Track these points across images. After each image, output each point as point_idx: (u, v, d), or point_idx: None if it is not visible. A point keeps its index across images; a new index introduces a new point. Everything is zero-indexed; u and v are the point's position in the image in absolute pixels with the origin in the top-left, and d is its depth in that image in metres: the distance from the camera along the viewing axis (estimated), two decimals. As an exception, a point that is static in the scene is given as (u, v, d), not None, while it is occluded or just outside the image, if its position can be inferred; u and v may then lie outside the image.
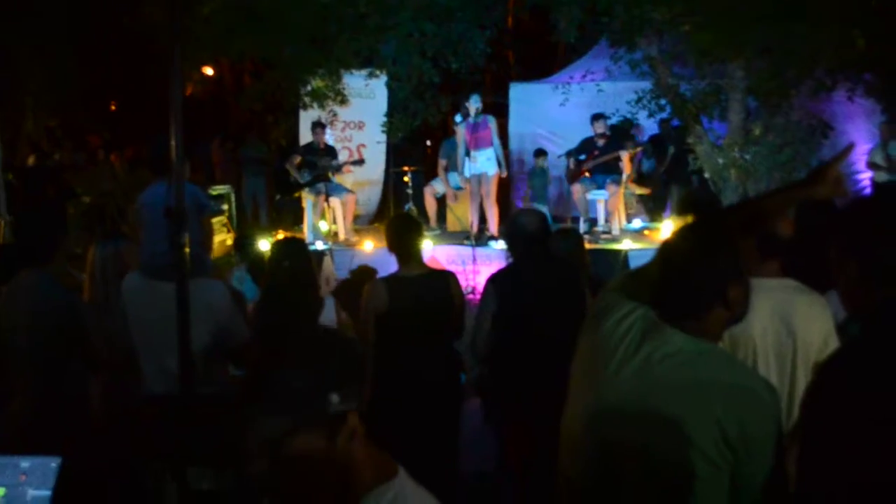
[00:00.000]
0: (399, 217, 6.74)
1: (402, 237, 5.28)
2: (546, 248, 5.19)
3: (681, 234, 2.68)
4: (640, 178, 14.42)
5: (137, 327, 4.73)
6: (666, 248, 2.68)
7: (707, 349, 2.52)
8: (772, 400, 2.47)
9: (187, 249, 3.56)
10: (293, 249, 5.01)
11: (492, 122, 12.01)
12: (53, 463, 2.75)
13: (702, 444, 2.39)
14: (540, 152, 14.53)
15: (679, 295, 2.57)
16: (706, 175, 11.77)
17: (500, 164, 12.16)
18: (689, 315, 2.53)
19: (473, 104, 11.85)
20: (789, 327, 3.74)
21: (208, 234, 5.47)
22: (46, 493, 2.69)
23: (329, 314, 7.07)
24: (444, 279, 5.31)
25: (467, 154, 11.92)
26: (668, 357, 2.49)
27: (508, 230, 5.41)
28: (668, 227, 11.90)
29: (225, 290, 4.85)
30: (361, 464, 1.93)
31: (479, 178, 11.99)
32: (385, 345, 5.11)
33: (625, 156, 12.80)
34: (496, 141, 12.07)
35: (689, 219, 4.69)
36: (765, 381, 2.69)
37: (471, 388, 5.77)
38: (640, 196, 14.38)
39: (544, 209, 12.32)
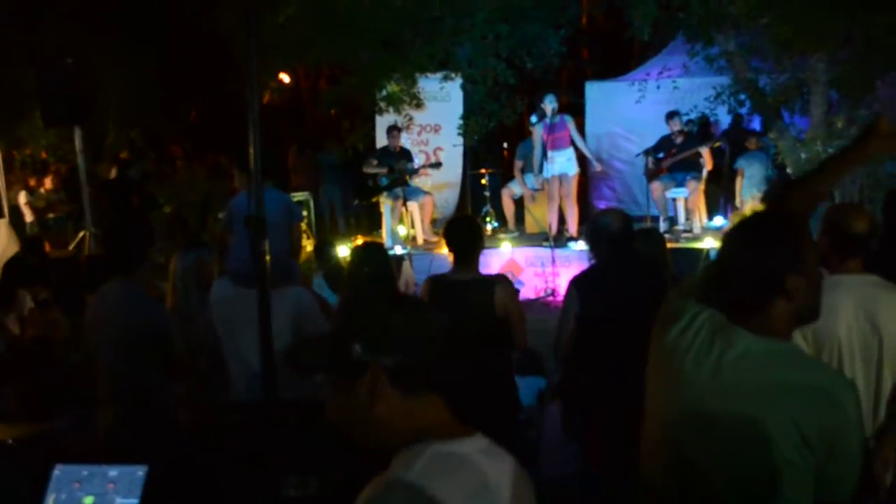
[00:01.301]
0: (458, 219, 6.62)
1: (456, 239, 5.17)
2: (629, 249, 5.11)
3: (737, 227, 2.64)
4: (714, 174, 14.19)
5: (226, 334, 4.78)
6: (723, 242, 2.64)
7: (776, 349, 2.46)
8: (849, 398, 2.40)
9: (268, 257, 3.58)
10: (373, 254, 5.03)
11: (569, 122, 11.93)
12: (140, 471, 2.79)
13: (781, 445, 2.34)
14: None
15: (737, 288, 2.53)
16: (789, 170, 11.55)
17: (590, 161, 12.11)
18: (751, 310, 2.48)
19: (549, 104, 11.79)
20: (874, 324, 3.67)
21: (297, 241, 5.51)
22: (134, 501, 2.73)
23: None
24: (491, 286, 5.05)
25: (544, 155, 11.84)
26: (738, 359, 2.44)
27: (590, 231, 5.29)
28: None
29: (311, 298, 4.89)
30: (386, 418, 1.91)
31: (560, 179, 11.92)
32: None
33: (705, 151, 12.63)
34: (578, 138, 11.99)
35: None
36: (841, 378, 2.64)
37: (553, 391, 5.71)
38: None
39: None
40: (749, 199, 12.69)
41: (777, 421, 2.34)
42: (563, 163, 11.86)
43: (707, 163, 12.72)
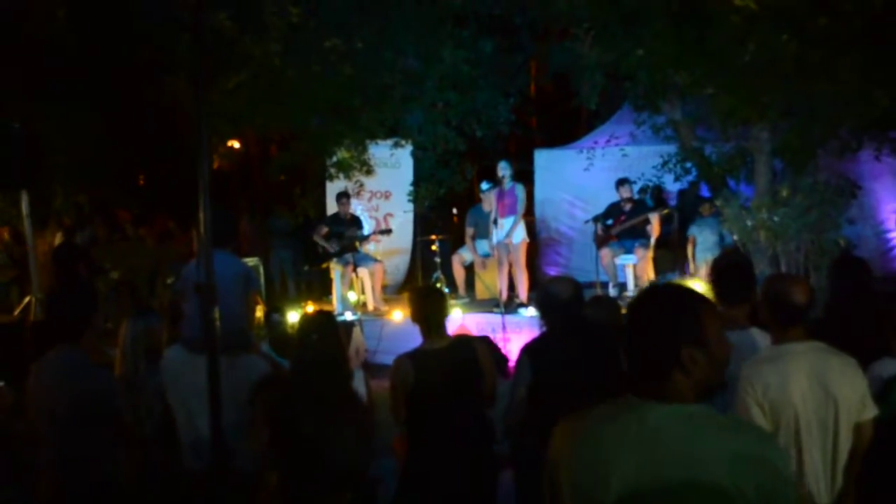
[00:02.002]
0: (421, 288, 6.67)
1: (425, 308, 5.24)
2: (580, 316, 5.13)
3: (639, 297, 2.63)
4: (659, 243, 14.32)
5: (176, 400, 4.72)
6: (628, 312, 2.62)
7: (689, 413, 2.42)
8: (778, 456, 2.40)
9: (219, 325, 3.55)
10: (321, 322, 4.99)
11: (520, 191, 11.97)
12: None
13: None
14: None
15: (633, 361, 2.51)
16: (734, 237, 11.70)
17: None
18: (650, 382, 2.45)
19: (503, 171, 11.84)
20: (828, 391, 3.71)
21: (252, 309, 5.47)
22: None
23: (359, 386, 7.02)
24: (470, 347, 5.21)
25: (494, 221, 11.89)
26: (656, 433, 2.39)
27: (541, 299, 5.31)
28: (698, 288, 11.79)
29: (267, 367, 4.84)
30: None
31: (508, 246, 11.95)
32: (417, 419, 5.03)
33: (654, 218, 12.75)
34: (521, 209, 12.02)
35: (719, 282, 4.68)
36: (765, 434, 2.61)
37: (503, 460, 5.67)
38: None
39: None
40: (703, 264, 12.81)
41: (717, 486, 2.31)
42: (511, 230, 11.89)
43: (654, 230, 12.84)
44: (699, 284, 12.05)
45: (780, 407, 3.72)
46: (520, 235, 12.00)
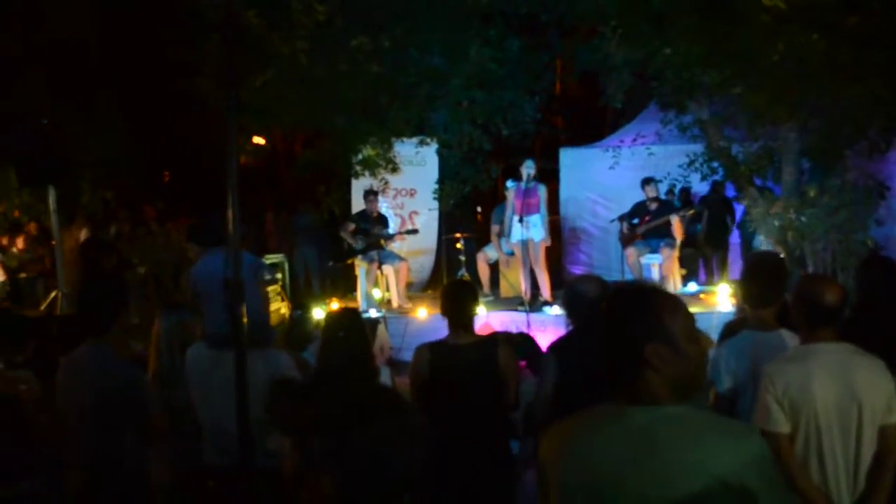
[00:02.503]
0: (454, 283, 6.65)
1: (454, 303, 5.24)
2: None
3: (607, 298, 2.65)
4: (687, 242, 14.26)
5: (201, 397, 4.73)
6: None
7: (671, 414, 2.40)
8: (755, 439, 2.41)
9: (245, 319, 3.56)
10: (347, 319, 4.99)
11: (542, 190, 11.96)
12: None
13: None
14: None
15: (607, 364, 2.53)
16: (761, 237, 11.64)
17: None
18: (625, 384, 2.46)
19: (527, 169, 11.82)
20: (853, 392, 3.68)
21: (265, 300, 5.49)
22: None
23: (385, 383, 7.02)
24: (493, 348, 5.19)
25: (521, 220, 11.87)
26: (636, 433, 2.38)
27: (568, 297, 5.28)
28: (724, 290, 11.77)
29: (290, 361, 4.85)
30: None
31: (527, 244, 11.93)
32: (430, 411, 5.02)
33: (675, 220, 12.70)
34: (543, 209, 12.00)
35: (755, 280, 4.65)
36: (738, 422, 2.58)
37: (524, 460, 5.65)
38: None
39: None
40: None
41: (698, 489, 2.27)
42: (531, 228, 11.87)
43: (677, 232, 12.78)
44: (725, 286, 12.01)
45: (799, 406, 3.70)
46: (540, 234, 11.98)
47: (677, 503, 2.28)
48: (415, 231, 13.78)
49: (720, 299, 11.58)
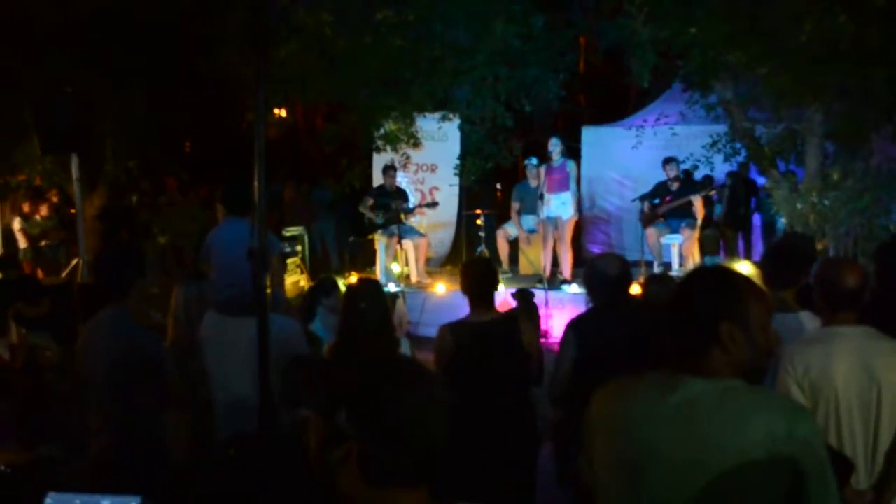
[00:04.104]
0: (475, 261, 6.67)
1: (475, 281, 5.24)
2: (627, 293, 5.11)
3: (685, 277, 2.66)
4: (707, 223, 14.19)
5: (212, 363, 4.76)
6: (672, 292, 2.64)
7: (727, 386, 2.40)
8: (807, 417, 2.43)
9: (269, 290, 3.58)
10: (369, 290, 5.01)
11: (571, 167, 11.95)
12: (134, 502, 2.75)
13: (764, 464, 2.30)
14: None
15: (673, 336, 2.52)
16: (784, 220, 11.58)
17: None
18: (689, 358, 2.45)
19: (555, 147, 11.80)
20: (872, 374, 3.68)
21: (276, 273, 5.50)
22: (128, 531, 2.69)
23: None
24: (514, 324, 5.22)
25: (541, 197, 11.85)
26: (688, 404, 2.40)
27: (588, 275, 5.27)
28: (744, 269, 11.71)
29: (299, 329, 4.87)
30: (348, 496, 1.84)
31: (555, 222, 11.92)
32: (457, 391, 5.02)
33: (697, 200, 12.65)
34: (573, 185, 11.99)
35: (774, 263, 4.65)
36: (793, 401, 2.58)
37: (546, 433, 5.68)
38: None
39: None
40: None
41: (746, 460, 2.30)
42: (558, 206, 11.86)
43: (699, 211, 12.74)
44: (747, 266, 11.97)
45: (819, 388, 3.70)
46: (569, 212, 11.97)
47: (728, 472, 2.30)
48: (434, 204, 13.77)
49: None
